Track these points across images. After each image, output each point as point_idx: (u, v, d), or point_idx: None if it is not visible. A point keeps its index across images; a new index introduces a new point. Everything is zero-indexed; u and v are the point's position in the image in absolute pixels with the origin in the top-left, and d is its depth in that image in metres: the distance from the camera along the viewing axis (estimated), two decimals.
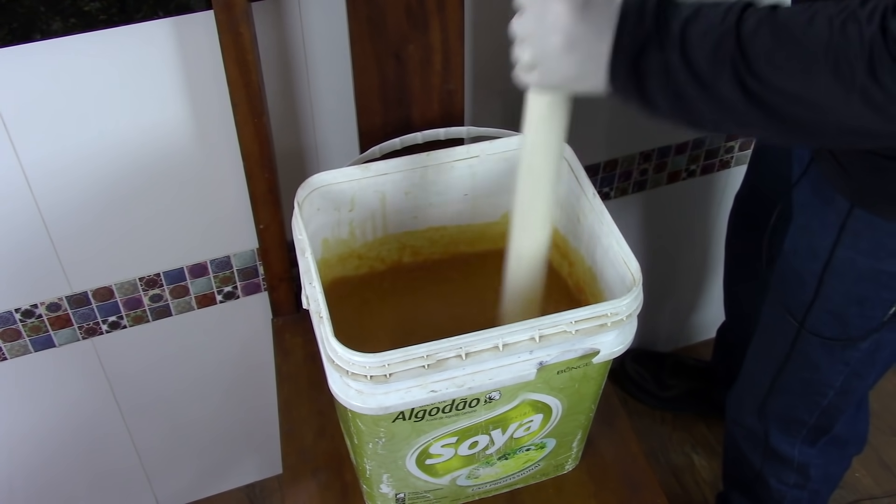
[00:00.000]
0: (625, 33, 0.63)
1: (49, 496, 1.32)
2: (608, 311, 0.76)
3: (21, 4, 0.80)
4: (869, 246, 0.85)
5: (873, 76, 0.55)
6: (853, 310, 0.90)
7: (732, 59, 0.59)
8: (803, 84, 0.58)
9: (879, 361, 0.95)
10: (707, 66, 0.60)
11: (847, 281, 0.89)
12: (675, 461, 1.55)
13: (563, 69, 0.67)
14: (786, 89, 0.58)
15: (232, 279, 1.16)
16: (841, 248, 0.87)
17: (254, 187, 0.96)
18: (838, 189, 0.85)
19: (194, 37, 0.91)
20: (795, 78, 0.58)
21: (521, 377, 0.77)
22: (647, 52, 0.62)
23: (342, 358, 0.72)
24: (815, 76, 0.57)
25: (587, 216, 0.90)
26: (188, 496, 1.46)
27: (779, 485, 1.13)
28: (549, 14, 0.66)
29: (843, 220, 0.86)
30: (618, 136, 1.26)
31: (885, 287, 0.87)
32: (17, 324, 1.07)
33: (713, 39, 0.60)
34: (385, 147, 0.96)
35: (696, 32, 0.61)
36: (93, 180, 0.98)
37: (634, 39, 0.63)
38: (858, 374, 0.96)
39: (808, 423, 1.04)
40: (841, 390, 0.98)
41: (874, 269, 0.86)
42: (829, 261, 0.89)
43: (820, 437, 1.05)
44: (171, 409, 1.30)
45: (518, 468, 0.93)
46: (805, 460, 1.08)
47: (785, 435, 1.07)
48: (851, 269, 0.88)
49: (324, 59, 0.99)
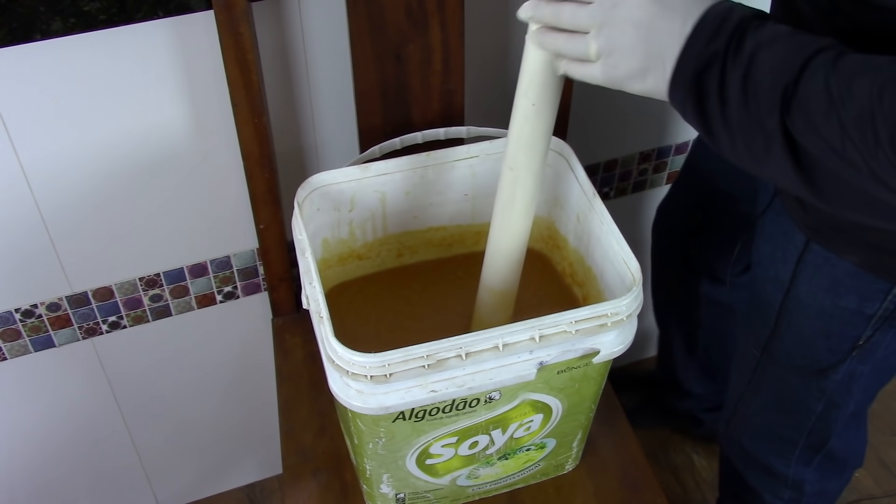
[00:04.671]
0: (698, 41, 0.60)
1: (49, 495, 1.32)
2: (608, 311, 0.76)
3: (21, 4, 0.80)
4: (828, 282, 0.84)
5: None
6: (820, 342, 0.90)
7: (783, 101, 0.57)
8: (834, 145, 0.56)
9: (857, 391, 0.94)
10: (761, 99, 0.58)
11: (811, 314, 0.88)
12: (675, 461, 1.55)
13: (631, 61, 0.63)
14: (821, 149, 0.56)
15: (232, 279, 1.16)
16: (801, 282, 0.87)
17: (254, 187, 0.96)
18: (796, 222, 0.84)
19: (194, 37, 0.91)
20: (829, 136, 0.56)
21: (522, 377, 0.77)
22: (713, 66, 0.59)
23: (342, 358, 0.72)
24: (847, 136, 0.55)
25: (587, 216, 0.90)
26: (188, 496, 1.46)
27: (773, 499, 1.13)
28: (623, 2, 0.63)
29: (801, 253, 0.85)
30: (618, 136, 1.26)
31: (848, 323, 0.86)
32: (17, 324, 1.07)
33: (775, 74, 0.57)
34: (385, 147, 0.96)
35: (763, 59, 0.58)
36: (93, 180, 0.98)
37: (705, 50, 0.60)
38: (836, 403, 0.95)
39: (800, 442, 1.03)
40: (822, 416, 0.97)
41: (835, 305, 0.85)
42: (789, 291, 0.88)
43: (814, 456, 1.04)
44: (171, 409, 1.30)
45: (518, 468, 0.93)
46: (800, 478, 1.07)
47: (778, 455, 1.06)
48: (814, 304, 0.87)
49: (324, 59, 0.99)
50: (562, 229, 0.99)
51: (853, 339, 0.87)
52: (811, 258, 0.84)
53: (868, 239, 0.78)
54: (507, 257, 0.84)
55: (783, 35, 0.58)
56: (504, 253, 0.84)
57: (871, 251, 0.79)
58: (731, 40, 0.59)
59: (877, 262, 0.80)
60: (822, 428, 0.99)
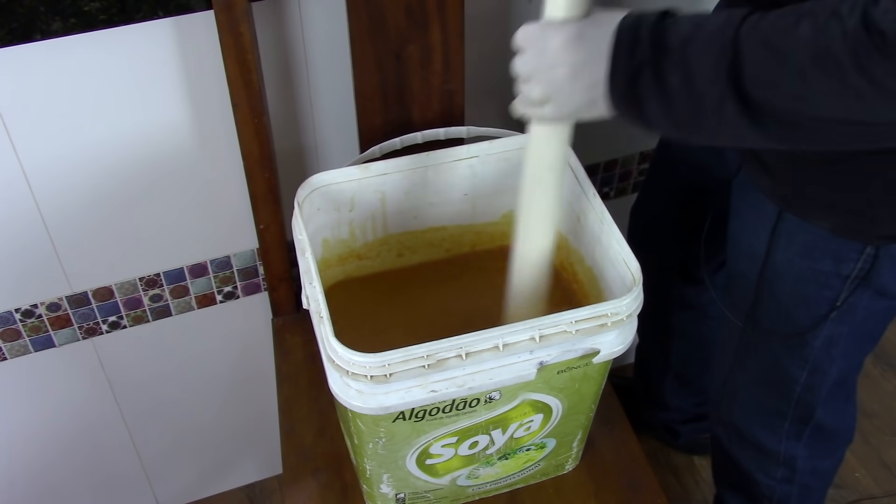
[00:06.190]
0: (620, 57, 0.65)
1: (48, 494, 1.32)
2: (608, 310, 0.76)
3: (21, 4, 0.80)
4: (803, 248, 0.86)
5: (860, 70, 0.56)
6: (800, 309, 0.91)
7: (728, 74, 0.60)
8: (795, 89, 0.59)
9: (838, 357, 0.96)
10: (705, 82, 0.61)
11: (788, 281, 0.90)
12: (675, 461, 1.55)
13: (574, 98, 0.69)
14: (779, 97, 0.59)
15: (232, 279, 1.16)
16: (777, 251, 0.89)
17: (254, 187, 0.96)
18: (765, 193, 0.86)
19: (194, 37, 0.91)
20: (787, 83, 0.59)
21: (522, 377, 0.77)
22: (643, 74, 0.64)
23: (342, 358, 0.72)
24: (806, 79, 0.58)
25: (587, 216, 0.90)
26: (188, 496, 1.46)
27: (767, 479, 1.13)
28: (548, 49, 0.68)
29: (774, 223, 0.87)
30: (618, 136, 1.26)
31: (825, 286, 0.88)
32: (17, 324, 1.07)
33: (713, 56, 0.61)
34: (385, 147, 0.96)
35: (696, 50, 0.62)
36: (93, 180, 0.98)
37: (630, 63, 0.64)
38: (819, 370, 0.97)
39: (788, 413, 1.04)
40: (807, 385, 0.99)
41: (812, 268, 0.87)
42: (766, 262, 0.90)
43: (803, 428, 1.05)
44: (171, 409, 1.30)
45: (518, 468, 0.93)
46: (791, 453, 1.08)
47: (768, 430, 1.07)
48: (790, 271, 0.89)
49: (324, 59, 0.99)
50: (562, 229, 0.99)
51: (831, 300, 0.89)
52: (784, 227, 0.87)
53: (836, 203, 0.81)
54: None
55: (700, 23, 0.62)
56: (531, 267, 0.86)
57: (841, 215, 0.82)
58: (654, 46, 0.63)
59: (847, 224, 0.82)
60: (809, 398, 1.01)
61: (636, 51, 0.64)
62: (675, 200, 1.18)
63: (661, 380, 1.43)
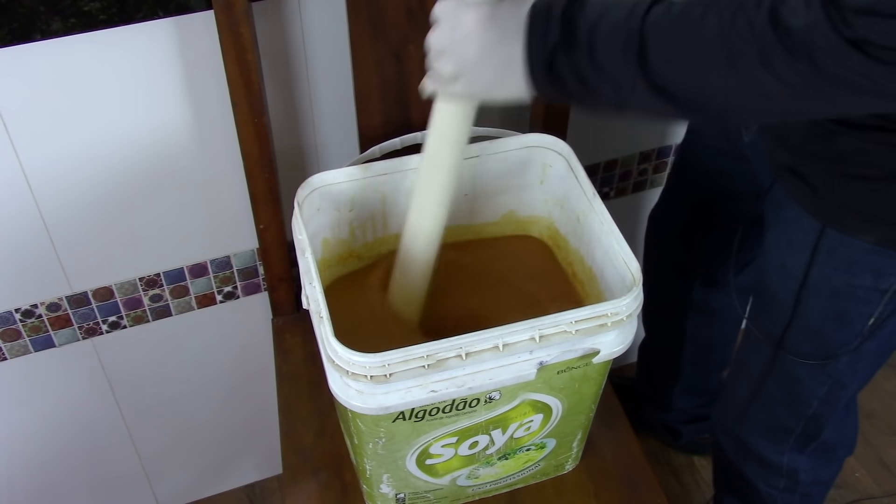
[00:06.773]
0: (534, 41, 0.65)
1: (48, 494, 1.32)
2: (608, 311, 0.76)
3: (21, 4, 0.80)
4: (843, 263, 0.85)
5: (765, 65, 0.56)
6: (832, 326, 0.90)
7: (638, 61, 0.61)
8: (702, 79, 0.59)
9: (861, 371, 0.95)
10: (615, 68, 0.62)
11: (823, 299, 0.88)
12: (675, 461, 1.55)
13: (483, 78, 0.69)
14: (688, 84, 0.60)
15: (232, 279, 1.16)
16: (815, 267, 0.87)
17: (254, 187, 0.96)
18: (806, 208, 0.85)
19: (194, 37, 0.91)
20: (694, 73, 0.59)
21: (522, 377, 0.77)
22: (558, 57, 0.64)
23: (342, 358, 0.72)
24: (711, 71, 0.58)
25: (587, 216, 0.90)
26: (188, 496, 1.46)
27: (768, 489, 1.13)
28: (460, 26, 0.68)
29: (816, 240, 0.85)
30: (618, 136, 1.26)
31: (862, 301, 0.86)
32: (17, 324, 1.07)
33: (619, 44, 0.62)
34: (385, 147, 0.96)
35: (601, 37, 0.62)
36: (92, 180, 0.98)
37: (544, 46, 0.65)
38: (841, 384, 0.96)
39: (795, 431, 1.03)
40: (825, 400, 0.98)
41: (850, 284, 0.85)
42: (804, 281, 0.88)
43: (808, 444, 1.05)
44: (171, 409, 1.30)
45: (518, 468, 0.93)
46: (794, 466, 1.08)
47: (772, 444, 1.07)
48: (827, 287, 0.87)
49: (324, 59, 0.99)
50: (562, 229, 0.99)
51: (866, 316, 0.87)
52: (825, 242, 0.85)
53: (882, 216, 0.80)
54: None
55: (608, 9, 0.63)
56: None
57: (887, 227, 0.80)
58: (564, 31, 0.64)
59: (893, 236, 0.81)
60: (823, 412, 1.00)
61: (548, 35, 0.64)
62: (695, 206, 1.17)
63: (670, 382, 1.43)
